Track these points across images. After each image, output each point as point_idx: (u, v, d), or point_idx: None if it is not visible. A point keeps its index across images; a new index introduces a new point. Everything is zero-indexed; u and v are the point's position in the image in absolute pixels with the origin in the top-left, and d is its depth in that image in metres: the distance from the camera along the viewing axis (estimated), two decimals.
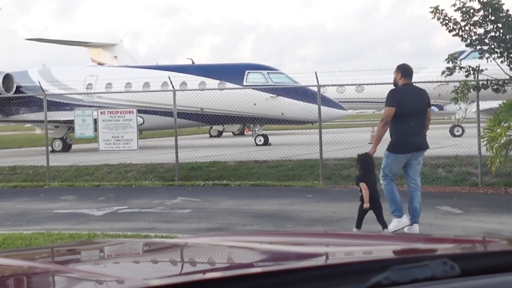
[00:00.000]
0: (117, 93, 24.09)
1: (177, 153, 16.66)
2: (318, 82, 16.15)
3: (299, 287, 1.46)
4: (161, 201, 12.94)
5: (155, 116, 24.79)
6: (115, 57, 38.97)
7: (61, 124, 24.81)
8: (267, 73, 24.66)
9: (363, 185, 8.56)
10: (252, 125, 26.30)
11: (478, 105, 14.95)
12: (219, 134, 34.49)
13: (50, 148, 20.27)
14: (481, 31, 13.19)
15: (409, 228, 8.76)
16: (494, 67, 13.52)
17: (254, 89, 23.22)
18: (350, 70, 37.28)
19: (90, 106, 22.50)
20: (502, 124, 12.21)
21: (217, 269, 1.87)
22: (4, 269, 1.95)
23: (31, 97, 24.58)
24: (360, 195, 8.65)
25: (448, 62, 13.57)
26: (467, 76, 13.65)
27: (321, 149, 15.37)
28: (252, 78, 24.46)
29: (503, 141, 12.23)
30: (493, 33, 13.12)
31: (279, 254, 2.05)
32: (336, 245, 2.22)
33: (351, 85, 26.35)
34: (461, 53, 16.44)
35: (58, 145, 25.51)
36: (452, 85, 15.42)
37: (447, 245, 2.11)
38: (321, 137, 15.47)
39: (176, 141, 16.81)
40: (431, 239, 2.41)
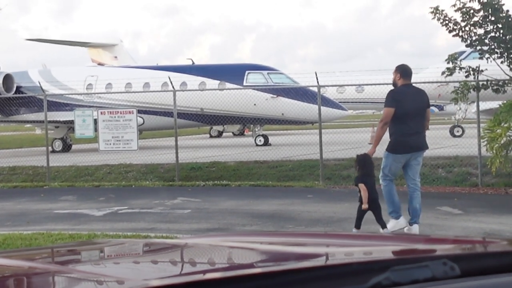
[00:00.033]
0: (117, 93, 24.09)
1: (177, 153, 16.66)
2: (318, 82, 16.14)
3: (299, 287, 1.46)
4: (161, 202, 12.94)
5: (155, 116, 24.79)
6: (115, 57, 38.98)
7: (61, 124, 24.83)
8: (267, 74, 24.66)
9: (362, 186, 8.56)
10: (252, 126, 26.31)
11: (478, 106, 14.95)
12: (219, 134, 34.50)
13: (50, 148, 20.27)
14: (481, 31, 13.18)
15: (408, 228, 8.78)
16: (494, 68, 13.52)
17: (254, 89, 23.23)
18: (350, 70, 37.25)
19: (90, 106, 22.49)
20: (502, 124, 12.21)
21: (217, 270, 1.87)
22: (4, 270, 1.95)
23: (31, 98, 24.59)
24: (359, 195, 8.65)
25: (448, 62, 13.56)
26: (467, 76, 13.64)
27: (321, 150, 15.37)
28: (252, 78, 24.46)
29: (503, 142, 12.23)
30: (493, 34, 13.12)
31: (279, 254, 2.05)
32: (336, 245, 2.23)
33: (351, 85, 26.33)
34: (461, 53, 16.44)
35: (58, 145, 25.53)
36: (452, 85, 15.42)
37: (447, 245, 2.11)
38: (321, 137, 15.46)
39: (176, 141, 16.81)
40: (431, 239, 2.41)
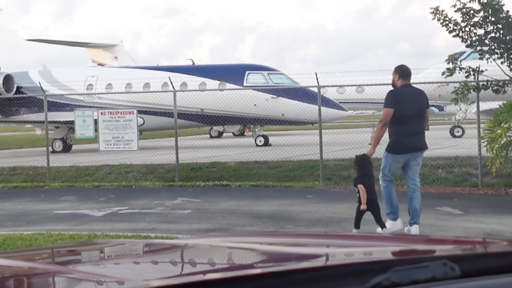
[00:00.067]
0: (118, 93, 24.10)
1: (177, 153, 16.66)
2: (318, 82, 16.14)
3: None
4: (162, 202, 12.94)
5: (155, 116, 24.79)
6: (116, 57, 39.01)
7: (62, 124, 24.84)
8: (267, 74, 24.66)
9: (361, 187, 8.55)
10: (252, 126, 26.32)
11: (478, 106, 14.95)
12: (220, 134, 34.51)
13: (50, 148, 20.26)
14: (481, 32, 13.18)
15: (408, 229, 8.78)
16: (494, 68, 13.51)
17: (254, 89, 23.23)
18: (350, 70, 37.21)
19: (90, 106, 22.49)
20: (502, 125, 12.21)
21: (217, 270, 1.87)
22: (4, 270, 1.95)
23: (32, 98, 24.58)
24: (358, 196, 8.65)
25: (448, 63, 13.55)
26: (467, 77, 13.64)
27: (321, 150, 15.37)
28: (252, 78, 24.46)
29: (503, 142, 12.23)
30: (493, 34, 13.11)
31: (279, 255, 2.05)
32: (336, 246, 2.23)
33: (351, 85, 26.32)
34: (461, 54, 16.43)
35: (58, 145, 25.53)
36: (452, 86, 15.42)
37: (447, 246, 2.11)
38: (321, 137, 15.46)
39: (176, 141, 16.81)
40: (431, 240, 2.41)
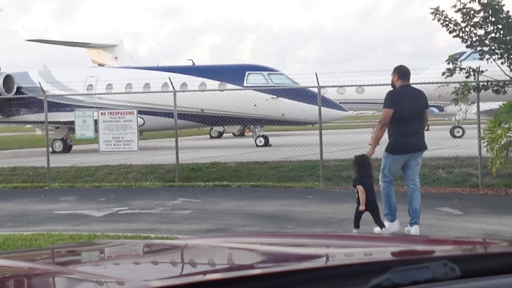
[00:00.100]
0: (118, 94, 24.11)
1: (177, 154, 16.65)
2: (318, 83, 16.14)
3: None
4: (162, 202, 12.94)
5: (155, 117, 24.79)
6: (116, 58, 39.01)
7: (62, 125, 24.85)
8: (268, 74, 24.66)
9: (360, 187, 8.55)
10: (252, 126, 26.32)
11: (478, 106, 14.94)
12: (220, 135, 34.51)
13: (50, 149, 20.26)
14: (481, 32, 13.18)
15: (408, 229, 8.79)
16: (494, 68, 13.51)
17: (254, 90, 23.23)
18: (350, 71, 37.23)
19: (90, 107, 22.50)
20: (502, 125, 12.20)
21: (217, 271, 1.87)
22: (4, 270, 1.95)
23: (32, 98, 24.60)
24: (357, 197, 8.66)
25: (448, 63, 13.55)
26: (467, 77, 13.64)
27: (321, 150, 15.36)
28: (252, 79, 24.46)
29: (503, 142, 12.23)
30: (493, 34, 13.12)
31: (279, 255, 2.05)
32: (336, 246, 2.22)
33: (352, 86, 26.31)
34: (462, 54, 16.42)
35: (58, 146, 25.53)
36: (452, 86, 15.42)
37: (447, 246, 2.11)
38: (321, 138, 15.46)
39: (176, 142, 16.81)
40: (431, 240, 2.41)
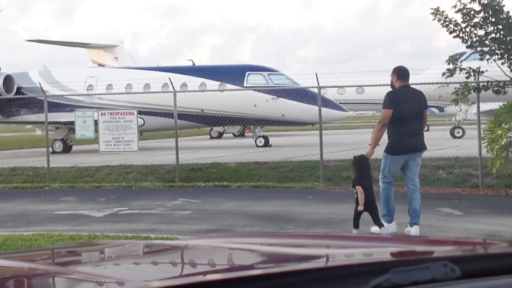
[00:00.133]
0: (118, 94, 24.11)
1: (177, 154, 16.65)
2: (318, 83, 16.14)
3: None
4: (162, 203, 12.94)
5: (155, 117, 24.79)
6: (116, 58, 39.02)
7: (62, 125, 24.85)
8: (268, 75, 24.66)
9: (359, 188, 8.55)
10: (252, 127, 26.33)
11: (478, 107, 14.94)
12: (220, 135, 34.52)
13: (50, 149, 20.26)
14: (481, 32, 13.18)
15: (408, 230, 8.79)
16: (494, 69, 13.51)
17: (254, 90, 23.23)
18: (350, 71, 37.26)
19: (90, 107, 22.50)
20: (502, 125, 12.20)
21: (217, 271, 1.87)
22: (4, 271, 1.95)
23: (32, 98, 24.60)
24: (356, 197, 8.66)
25: (448, 63, 13.55)
26: (467, 77, 13.63)
27: (321, 151, 15.36)
28: (252, 79, 24.46)
29: (503, 143, 12.22)
30: (493, 35, 13.11)
31: (279, 256, 2.05)
32: (336, 247, 2.22)
33: (352, 86, 26.29)
34: (462, 54, 16.41)
35: (58, 146, 25.53)
36: (452, 86, 15.41)
37: (447, 247, 2.11)
38: (321, 138, 15.46)
39: (176, 142, 16.81)
40: (431, 241, 2.41)
